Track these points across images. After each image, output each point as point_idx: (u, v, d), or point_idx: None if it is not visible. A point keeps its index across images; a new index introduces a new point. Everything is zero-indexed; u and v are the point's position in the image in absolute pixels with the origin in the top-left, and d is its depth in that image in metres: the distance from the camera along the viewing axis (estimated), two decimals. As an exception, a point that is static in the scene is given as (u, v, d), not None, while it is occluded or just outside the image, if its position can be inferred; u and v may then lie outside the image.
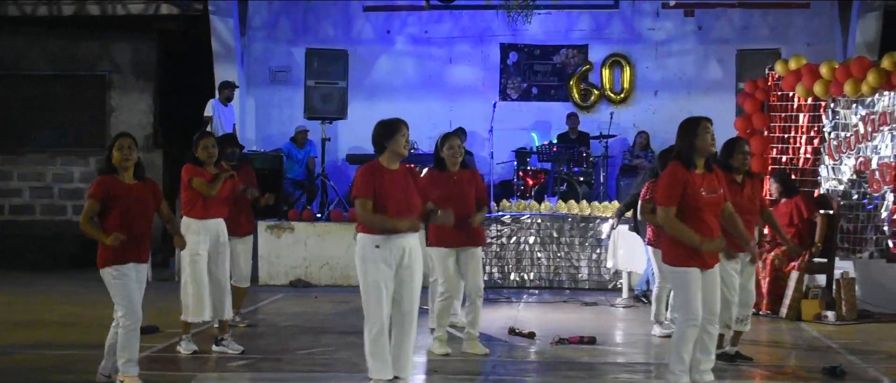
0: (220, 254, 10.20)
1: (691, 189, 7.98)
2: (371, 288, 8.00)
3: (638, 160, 18.85)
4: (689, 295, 7.94)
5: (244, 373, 9.42)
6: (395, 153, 8.07)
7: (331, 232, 16.34)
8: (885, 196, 13.50)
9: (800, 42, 19.13)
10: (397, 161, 8.13)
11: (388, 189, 8.00)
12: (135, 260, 8.37)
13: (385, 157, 8.12)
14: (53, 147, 20.48)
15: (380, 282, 7.97)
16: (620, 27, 20.04)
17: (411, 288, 8.08)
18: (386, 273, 7.98)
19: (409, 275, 8.05)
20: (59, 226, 20.27)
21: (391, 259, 7.99)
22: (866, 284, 13.28)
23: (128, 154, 8.38)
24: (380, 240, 7.99)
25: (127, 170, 8.40)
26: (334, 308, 13.69)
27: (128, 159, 8.37)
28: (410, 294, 8.08)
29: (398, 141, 8.07)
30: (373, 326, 8.00)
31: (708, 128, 8.12)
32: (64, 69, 20.54)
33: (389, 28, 20.30)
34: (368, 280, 8.02)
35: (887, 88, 13.44)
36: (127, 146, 8.41)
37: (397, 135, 8.08)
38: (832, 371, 9.21)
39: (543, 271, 16.01)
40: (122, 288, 8.33)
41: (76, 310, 13.37)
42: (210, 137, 10.50)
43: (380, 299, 7.97)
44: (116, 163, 8.39)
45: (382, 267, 7.98)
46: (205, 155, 10.20)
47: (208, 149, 10.21)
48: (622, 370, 9.73)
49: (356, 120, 18.75)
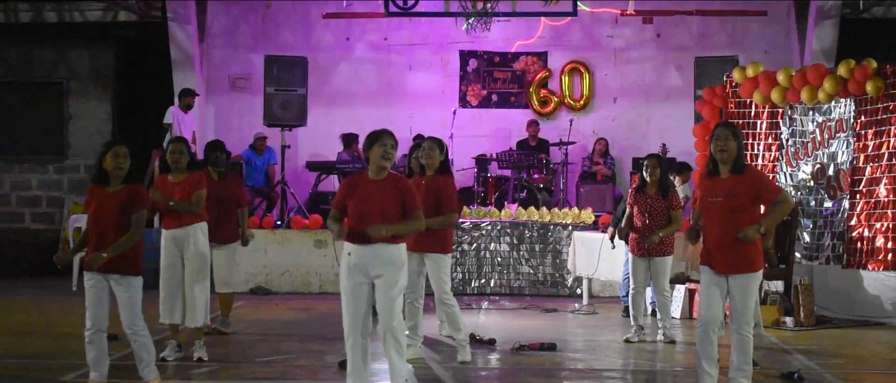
0: (191, 261, 10.16)
1: (702, 193, 8.27)
2: (343, 296, 8.02)
3: (597, 166, 18.91)
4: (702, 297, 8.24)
5: (205, 382, 9.37)
6: (374, 163, 8.04)
7: (291, 239, 16.31)
8: (842, 202, 13.61)
9: (757, 49, 19.25)
10: (381, 171, 8.06)
11: (359, 199, 7.97)
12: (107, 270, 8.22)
13: (370, 168, 8.10)
14: (10, 155, 20.33)
15: (349, 289, 7.97)
16: (579, 34, 20.09)
17: (385, 297, 8.00)
18: (357, 280, 7.96)
19: (382, 284, 7.99)
20: (17, 233, 20.14)
21: (364, 267, 7.97)
22: (824, 290, 13.38)
23: (122, 162, 8.29)
24: (351, 247, 7.99)
25: (118, 179, 8.31)
26: (295, 315, 13.66)
27: (121, 168, 8.28)
28: (385, 303, 8.01)
29: (376, 151, 8.01)
30: (346, 334, 8.01)
31: (718, 134, 8.14)
32: (20, 76, 20.41)
33: (349, 35, 20.27)
34: (342, 289, 8.04)
35: (844, 95, 13.57)
36: (123, 154, 8.30)
37: (376, 146, 8.01)
38: (790, 376, 9.26)
39: (504, 278, 16.04)
40: (86, 296, 8.27)
41: (33, 319, 13.27)
42: (180, 143, 10.41)
43: (349, 306, 7.97)
44: (109, 169, 8.29)
45: (355, 274, 7.96)
46: (171, 159, 10.18)
47: (174, 154, 10.18)
48: (582, 376, 9.75)
49: (316, 127, 18.78)
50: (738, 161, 8.13)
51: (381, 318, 8.02)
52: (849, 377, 9.67)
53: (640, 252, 11.42)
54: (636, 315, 11.46)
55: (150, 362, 8.46)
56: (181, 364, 9.95)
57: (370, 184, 8.03)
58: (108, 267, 8.20)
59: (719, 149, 8.08)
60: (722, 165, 8.13)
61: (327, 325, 12.43)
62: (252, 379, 9.47)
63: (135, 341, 8.38)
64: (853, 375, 9.84)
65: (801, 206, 13.85)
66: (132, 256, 8.32)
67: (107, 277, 8.24)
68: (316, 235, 16.25)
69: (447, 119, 18.90)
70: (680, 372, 9.85)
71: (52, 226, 19.99)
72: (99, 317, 8.26)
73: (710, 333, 8.10)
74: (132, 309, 8.31)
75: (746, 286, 8.10)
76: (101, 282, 8.26)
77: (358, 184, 8.05)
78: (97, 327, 8.27)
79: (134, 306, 8.33)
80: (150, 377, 8.47)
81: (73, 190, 19.98)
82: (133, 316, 8.32)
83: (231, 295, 11.88)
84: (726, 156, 8.07)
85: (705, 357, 8.14)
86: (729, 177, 8.11)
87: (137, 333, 8.35)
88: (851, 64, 13.45)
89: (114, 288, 8.27)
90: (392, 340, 8.00)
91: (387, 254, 7.98)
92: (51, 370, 9.60)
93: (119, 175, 8.28)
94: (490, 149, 19.16)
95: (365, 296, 7.99)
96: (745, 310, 8.09)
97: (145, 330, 8.41)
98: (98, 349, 8.31)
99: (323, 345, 11.05)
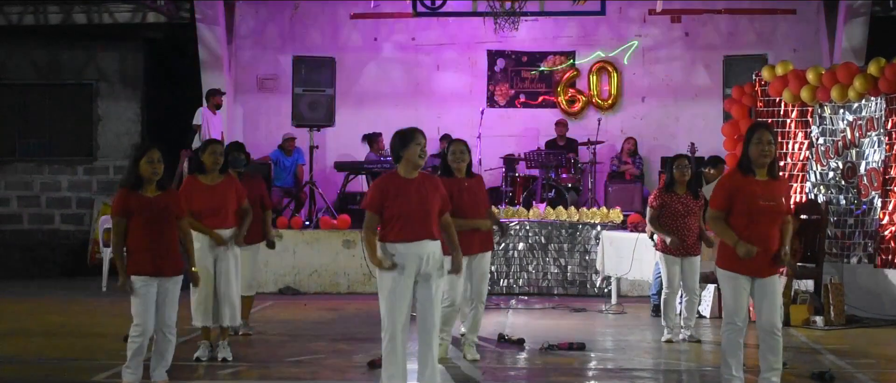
0: (220, 263, 10.18)
1: (745, 195, 7.99)
2: (385, 296, 7.97)
3: (625, 166, 18.87)
4: (731, 300, 8.09)
5: (232, 382, 9.38)
6: (410, 162, 8.02)
7: (319, 239, 16.33)
8: (873, 201, 13.52)
9: (786, 48, 19.19)
10: (414, 170, 8.06)
11: (401, 199, 7.95)
12: (154, 273, 8.30)
13: (401, 167, 8.06)
14: (40, 156, 20.46)
15: (394, 290, 7.93)
16: (607, 33, 20.05)
17: (429, 297, 8.01)
18: (401, 281, 7.94)
19: (426, 283, 7.99)
20: (47, 235, 20.25)
21: (409, 268, 7.96)
22: (854, 289, 13.30)
23: (158, 167, 8.34)
24: (395, 247, 7.96)
25: (151, 184, 8.35)
26: (323, 315, 13.67)
27: (156, 173, 8.33)
28: (428, 303, 8.01)
29: (413, 150, 8.00)
30: (386, 334, 7.98)
31: (761, 137, 8.00)
32: (50, 78, 20.53)
33: (376, 35, 20.29)
34: (383, 287, 8.00)
35: (874, 94, 13.48)
36: (157, 159, 8.35)
37: (412, 144, 8.00)
38: (821, 376, 9.21)
39: (532, 277, 16.03)
40: (134, 300, 8.32)
41: (63, 320, 13.33)
42: (220, 144, 10.45)
43: (393, 307, 7.93)
44: (146, 175, 8.33)
45: (398, 275, 7.95)
46: (210, 160, 10.15)
47: (215, 155, 10.17)
48: (612, 376, 9.72)
49: (344, 127, 18.80)
50: (775, 164, 8.09)
51: (422, 318, 8.02)
52: (880, 377, 9.61)
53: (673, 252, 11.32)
54: (670, 316, 11.39)
55: (169, 363, 8.54)
56: (209, 364, 9.97)
57: (407, 184, 8.01)
58: (162, 268, 8.33)
59: (763, 153, 7.97)
60: (759, 168, 8.03)
61: (356, 326, 12.45)
62: (281, 379, 9.48)
63: (167, 340, 8.44)
64: (885, 375, 9.78)
65: (830, 205, 13.77)
66: (177, 256, 8.41)
67: (158, 279, 8.33)
68: (344, 235, 16.26)
69: (475, 119, 18.88)
70: (710, 371, 9.79)
71: (81, 228, 20.09)
72: (149, 322, 8.32)
73: (738, 335, 8.07)
74: (174, 308, 8.47)
75: (776, 285, 8.07)
76: (152, 286, 8.33)
77: (393, 185, 8.02)
78: (146, 332, 8.32)
79: (176, 305, 8.50)
80: (162, 378, 8.52)
81: (103, 191, 20.07)
82: (173, 315, 8.47)
83: (252, 298, 11.89)
84: (768, 159, 8.00)
85: (733, 359, 8.10)
86: (768, 180, 8.04)
87: (172, 331, 8.48)
88: (881, 62, 13.35)
89: (161, 288, 8.36)
90: (429, 341, 8.00)
91: (433, 252, 7.99)
92: (82, 370, 9.63)
93: (154, 179, 8.34)
94: (518, 149, 19.14)
95: (408, 296, 7.98)
96: (775, 310, 8.05)
97: (175, 331, 8.49)
98: (144, 352, 8.37)
99: (351, 346, 11.06)
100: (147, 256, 8.29)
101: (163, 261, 8.34)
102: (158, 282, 8.35)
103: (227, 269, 10.14)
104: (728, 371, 8.12)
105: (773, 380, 8.10)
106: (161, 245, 8.35)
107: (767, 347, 8.09)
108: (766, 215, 7.99)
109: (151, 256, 8.29)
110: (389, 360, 7.99)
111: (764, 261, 8.00)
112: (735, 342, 8.07)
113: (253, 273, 11.72)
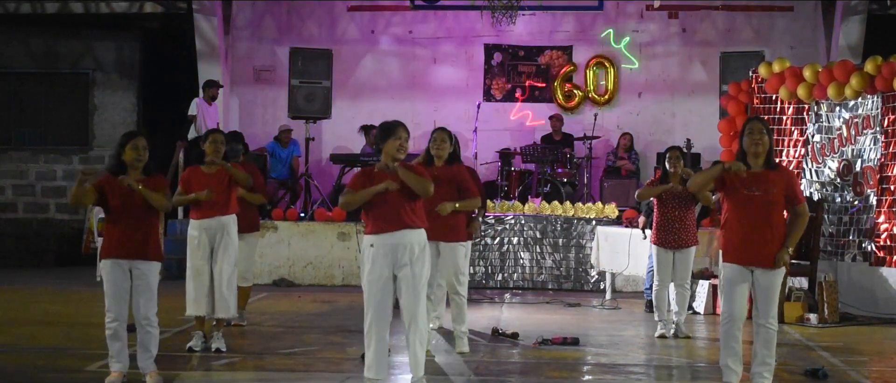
0: (224, 252, 10.16)
1: (732, 183, 8.11)
2: (365, 286, 8.00)
3: (621, 161, 18.87)
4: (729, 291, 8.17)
5: (226, 373, 9.38)
6: (388, 155, 8.00)
7: (314, 231, 16.33)
8: (868, 199, 13.53)
9: (783, 45, 19.20)
10: (393, 163, 8.05)
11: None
12: (126, 255, 8.29)
13: (383, 160, 8.06)
14: (36, 145, 20.46)
15: (373, 281, 7.93)
16: (604, 29, 20.04)
17: (412, 286, 7.99)
18: (381, 272, 7.93)
19: (407, 273, 7.97)
20: (41, 224, 20.25)
21: (388, 258, 7.95)
22: (848, 287, 13.30)
23: (142, 154, 8.33)
24: (374, 239, 7.96)
25: (136, 170, 8.34)
26: (317, 307, 13.68)
27: (140, 160, 8.32)
28: (411, 292, 8.00)
29: (392, 144, 8.01)
30: (369, 326, 7.97)
31: (753, 128, 8.12)
32: (46, 67, 20.51)
33: (374, 28, 20.28)
34: (364, 278, 8.03)
35: (870, 92, 13.48)
36: (143, 146, 8.35)
37: (392, 139, 8.01)
38: (814, 373, 9.21)
39: (527, 272, 16.04)
40: (105, 286, 8.31)
41: (57, 309, 13.32)
42: (220, 133, 10.46)
43: (371, 297, 7.93)
44: (129, 161, 8.32)
45: (378, 266, 7.94)
46: (212, 149, 10.15)
47: (216, 144, 10.19)
48: (606, 371, 9.71)
49: (340, 119, 18.82)
50: (770, 155, 8.14)
51: (407, 309, 8.01)
52: (873, 374, 9.61)
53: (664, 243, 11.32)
54: (661, 309, 11.39)
55: (154, 355, 8.50)
56: (203, 355, 9.96)
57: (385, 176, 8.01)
58: (132, 251, 8.27)
59: (755, 143, 8.06)
60: (754, 159, 8.10)
61: (350, 318, 12.44)
62: (274, 370, 9.47)
63: (148, 332, 8.39)
64: (877, 372, 9.77)
65: (825, 203, 13.78)
66: (155, 240, 8.39)
67: (129, 263, 8.29)
68: (339, 228, 16.26)
69: (471, 112, 18.87)
70: (702, 367, 9.81)
71: (76, 217, 20.07)
72: (122, 309, 8.30)
73: (735, 329, 8.11)
74: (151, 298, 8.39)
75: (772, 279, 8.09)
76: (121, 270, 8.29)
77: (375, 178, 8.02)
78: (119, 318, 8.30)
79: (153, 294, 8.41)
80: (150, 369, 8.47)
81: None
82: (150, 305, 8.39)
83: (249, 288, 11.88)
84: (761, 149, 8.07)
85: (730, 352, 8.14)
86: (763, 171, 8.09)
87: (151, 323, 8.40)
88: (878, 60, 13.35)
89: (134, 273, 8.31)
90: (416, 332, 7.99)
91: (411, 241, 7.97)
92: (75, 359, 9.63)
93: (138, 166, 8.32)
94: (514, 144, 19.14)
95: (389, 287, 7.98)
96: (771, 304, 8.08)
97: (157, 321, 8.45)
98: (122, 341, 8.35)
99: (346, 338, 11.05)
100: (121, 238, 8.28)
101: (138, 244, 8.29)
102: (130, 265, 8.30)
103: (222, 260, 10.13)
104: (723, 360, 8.23)
105: (765, 375, 8.12)
106: (138, 230, 8.32)
107: (761, 341, 8.13)
108: (746, 204, 8.08)
109: (124, 238, 8.27)
110: (374, 354, 7.99)
111: (762, 251, 8.05)
112: (732, 334, 8.12)
113: (249, 263, 11.70)
